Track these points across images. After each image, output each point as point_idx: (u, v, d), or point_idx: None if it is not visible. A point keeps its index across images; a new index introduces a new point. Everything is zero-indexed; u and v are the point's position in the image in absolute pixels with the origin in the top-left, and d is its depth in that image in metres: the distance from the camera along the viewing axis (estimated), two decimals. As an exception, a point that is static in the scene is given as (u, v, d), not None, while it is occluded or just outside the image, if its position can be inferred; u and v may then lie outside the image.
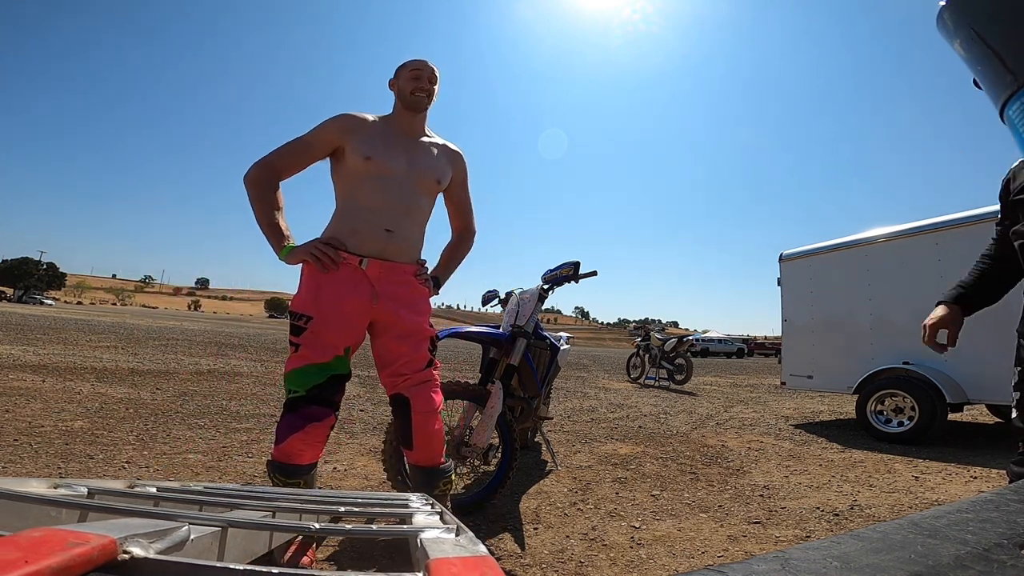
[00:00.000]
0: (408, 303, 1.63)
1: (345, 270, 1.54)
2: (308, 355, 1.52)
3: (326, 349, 1.53)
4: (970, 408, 5.25)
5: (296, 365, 1.53)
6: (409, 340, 1.63)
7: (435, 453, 1.66)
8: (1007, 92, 1.35)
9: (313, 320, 1.51)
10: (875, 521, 2.25)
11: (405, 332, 1.62)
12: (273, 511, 0.73)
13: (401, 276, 1.62)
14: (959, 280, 1.54)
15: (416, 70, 1.65)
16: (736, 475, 2.97)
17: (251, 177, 1.56)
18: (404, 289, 1.62)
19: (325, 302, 1.52)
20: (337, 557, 1.71)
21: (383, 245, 1.58)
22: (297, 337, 1.53)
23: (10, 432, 2.86)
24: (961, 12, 1.51)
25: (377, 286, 1.56)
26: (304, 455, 1.53)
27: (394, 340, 1.62)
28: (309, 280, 1.54)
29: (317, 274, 1.53)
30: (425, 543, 0.46)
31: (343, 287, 1.53)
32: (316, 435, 1.53)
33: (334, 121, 1.61)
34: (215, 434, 3.28)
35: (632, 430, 4.39)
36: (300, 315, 1.53)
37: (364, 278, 1.55)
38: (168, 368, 6.52)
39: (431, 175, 1.67)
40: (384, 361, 1.64)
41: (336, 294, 1.52)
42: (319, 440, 1.55)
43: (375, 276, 1.56)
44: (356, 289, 1.54)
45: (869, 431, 4.36)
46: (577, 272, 2.38)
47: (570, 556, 1.79)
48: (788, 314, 5.70)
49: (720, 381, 10.44)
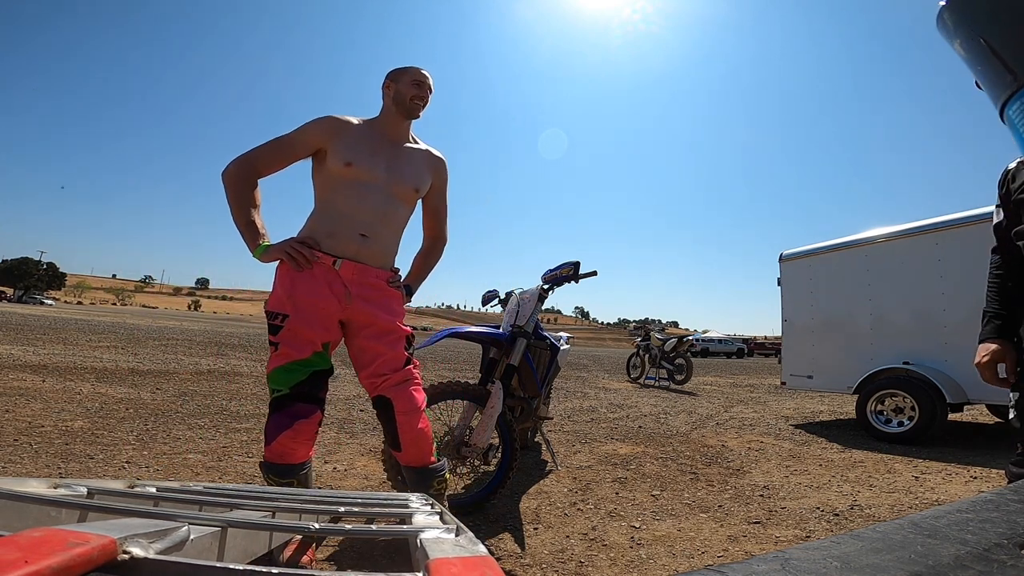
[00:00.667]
0: (381, 304, 1.64)
1: (319, 269, 1.55)
2: (288, 352, 1.53)
3: (304, 345, 1.54)
4: (970, 408, 5.25)
5: (278, 364, 1.54)
6: (384, 339, 1.63)
7: (424, 452, 1.65)
8: (1007, 92, 1.35)
9: (289, 318, 1.53)
10: (875, 521, 2.25)
11: (380, 331, 1.63)
12: (273, 511, 0.74)
13: (374, 280, 1.63)
14: (985, 309, 1.49)
15: (418, 80, 1.68)
16: (736, 475, 2.97)
17: (229, 173, 1.55)
18: (377, 292, 1.64)
19: (300, 299, 1.53)
20: (337, 557, 1.71)
21: (357, 248, 1.60)
22: (276, 336, 1.54)
23: (10, 432, 2.86)
24: (961, 12, 1.51)
25: (350, 287, 1.58)
26: (296, 453, 1.53)
27: (370, 340, 1.62)
28: (284, 279, 1.56)
29: (292, 273, 1.54)
30: (425, 543, 0.46)
31: (317, 285, 1.54)
32: (305, 432, 1.53)
33: (318, 123, 1.61)
34: (215, 434, 3.29)
35: (632, 430, 4.39)
36: (276, 314, 1.55)
37: (338, 278, 1.57)
38: (168, 368, 6.52)
39: (410, 183, 1.69)
40: (361, 363, 1.64)
41: (310, 291, 1.53)
42: (308, 437, 1.55)
43: (348, 277, 1.58)
44: (330, 288, 1.56)
45: (869, 431, 4.36)
46: (577, 272, 2.38)
47: (570, 556, 1.79)
48: (788, 314, 5.70)
49: (720, 381, 10.44)
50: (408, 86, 1.66)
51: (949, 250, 4.18)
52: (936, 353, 4.17)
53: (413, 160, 1.72)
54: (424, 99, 1.68)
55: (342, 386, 6.20)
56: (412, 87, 1.66)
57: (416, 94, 1.66)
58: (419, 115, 1.70)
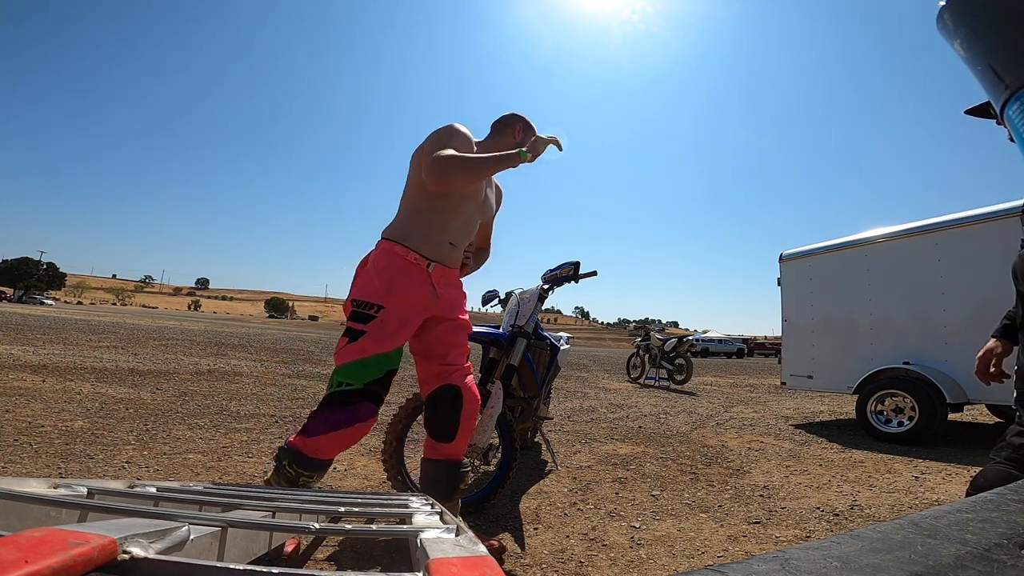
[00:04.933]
0: (459, 303, 1.79)
1: (414, 270, 1.62)
2: (369, 345, 1.54)
3: (392, 339, 1.57)
4: (970, 408, 5.25)
5: (354, 357, 1.53)
6: (460, 333, 1.77)
7: (464, 447, 1.77)
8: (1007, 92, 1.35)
9: (384, 310, 1.56)
10: (875, 521, 2.25)
11: (457, 325, 1.76)
12: (273, 511, 0.74)
13: (453, 279, 1.78)
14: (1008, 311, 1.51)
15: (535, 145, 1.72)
16: (736, 475, 2.97)
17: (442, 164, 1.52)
18: (456, 290, 1.79)
19: (400, 294, 1.59)
20: (337, 557, 1.70)
21: (446, 255, 1.70)
22: (364, 324, 1.55)
23: (10, 432, 2.86)
24: (961, 12, 1.51)
25: (437, 287, 1.68)
26: (331, 452, 1.54)
27: (449, 331, 1.73)
28: (384, 272, 1.61)
29: (393, 269, 1.61)
30: (425, 543, 0.46)
31: (414, 284, 1.62)
32: (359, 436, 1.54)
33: (465, 135, 1.67)
34: (215, 434, 3.28)
35: (632, 430, 4.39)
36: (370, 304, 1.57)
37: (428, 279, 1.65)
38: (168, 368, 6.52)
39: (491, 210, 1.90)
40: (435, 352, 1.72)
41: (410, 288, 1.61)
42: (353, 444, 1.57)
43: (436, 279, 1.68)
44: (423, 288, 1.64)
45: (869, 431, 4.35)
46: (577, 272, 2.38)
47: (570, 556, 1.79)
48: (788, 314, 5.70)
49: (720, 381, 10.44)
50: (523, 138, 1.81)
51: (949, 250, 4.18)
52: (936, 353, 4.17)
53: (492, 188, 1.91)
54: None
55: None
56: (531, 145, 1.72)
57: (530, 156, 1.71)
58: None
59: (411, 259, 1.61)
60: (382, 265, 1.62)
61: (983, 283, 3.85)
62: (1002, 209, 3.88)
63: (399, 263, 1.61)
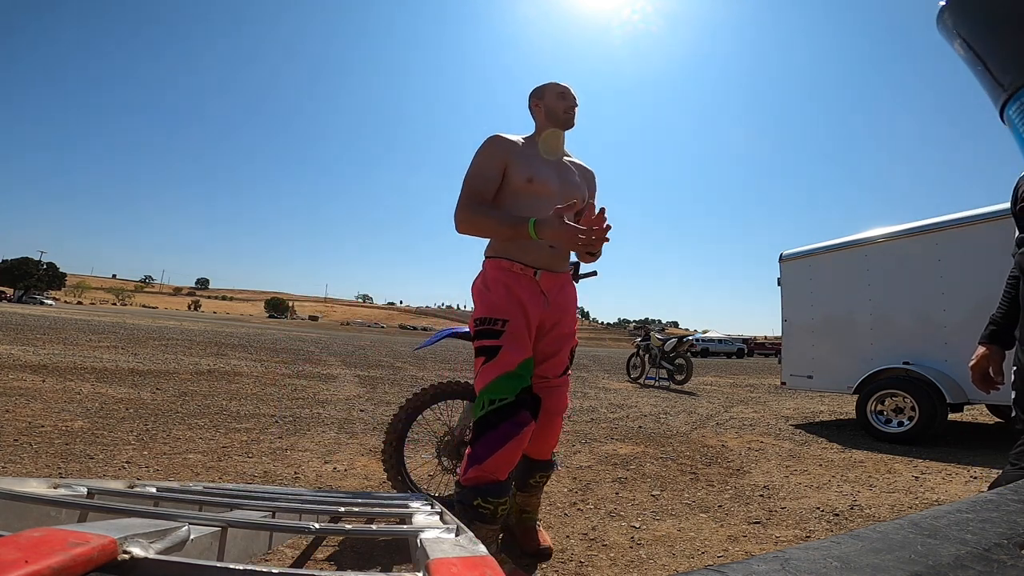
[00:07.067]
0: (569, 309, 1.76)
1: (524, 280, 1.62)
2: (510, 358, 1.53)
3: (526, 345, 1.58)
4: (970, 408, 5.25)
5: (500, 372, 1.52)
6: (565, 342, 1.75)
7: (550, 447, 1.83)
8: (1007, 93, 1.35)
9: (510, 322, 1.56)
10: (875, 521, 2.25)
11: (563, 334, 1.74)
12: (273, 511, 0.73)
13: (564, 283, 1.75)
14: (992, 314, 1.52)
15: (561, 91, 1.73)
16: (736, 475, 2.97)
17: (464, 219, 1.57)
18: (565, 296, 1.75)
19: (517, 306, 1.59)
20: (337, 557, 1.71)
21: (549, 259, 1.67)
22: (497, 340, 1.55)
23: (10, 432, 2.86)
24: (961, 12, 1.51)
25: (548, 294, 1.67)
26: (508, 467, 1.51)
27: (554, 339, 1.72)
28: (498, 285, 1.61)
29: (505, 282, 1.61)
30: (425, 543, 0.46)
31: (528, 295, 1.62)
32: (523, 444, 1.52)
33: (497, 145, 1.65)
34: (215, 434, 3.28)
35: (632, 430, 4.39)
36: (496, 320, 1.57)
37: (538, 287, 1.65)
38: (168, 368, 6.52)
39: (580, 194, 1.78)
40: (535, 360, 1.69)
41: (523, 301, 1.61)
42: (520, 452, 1.54)
43: (546, 286, 1.67)
44: (535, 298, 1.63)
45: (869, 431, 4.35)
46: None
47: (570, 556, 1.79)
48: (788, 314, 5.70)
49: (720, 381, 10.44)
50: (555, 100, 1.73)
51: (949, 250, 4.18)
52: (936, 353, 4.17)
53: (575, 172, 1.81)
54: (573, 108, 1.74)
55: (342, 386, 6.20)
56: (559, 100, 1.72)
57: (566, 105, 1.72)
58: (574, 123, 1.76)
59: (517, 270, 1.62)
60: (494, 280, 1.63)
61: (983, 283, 3.85)
62: (1002, 209, 3.88)
63: (510, 276, 1.62)
